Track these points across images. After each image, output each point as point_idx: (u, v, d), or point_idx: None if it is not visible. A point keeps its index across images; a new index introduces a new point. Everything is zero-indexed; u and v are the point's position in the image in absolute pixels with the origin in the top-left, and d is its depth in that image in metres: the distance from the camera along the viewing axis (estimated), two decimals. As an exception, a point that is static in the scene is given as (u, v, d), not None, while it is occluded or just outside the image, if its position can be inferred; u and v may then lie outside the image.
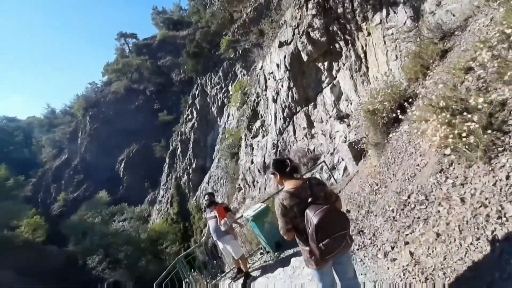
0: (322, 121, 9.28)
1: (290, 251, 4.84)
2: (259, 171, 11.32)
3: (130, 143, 37.57)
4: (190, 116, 33.00)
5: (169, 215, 29.32)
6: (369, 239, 3.43)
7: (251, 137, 12.41)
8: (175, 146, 33.22)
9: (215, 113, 29.84)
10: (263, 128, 11.87)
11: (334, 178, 7.09)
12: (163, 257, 24.87)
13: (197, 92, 33.19)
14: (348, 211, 4.37)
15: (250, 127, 12.56)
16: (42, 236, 23.74)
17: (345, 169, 7.64)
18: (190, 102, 33.70)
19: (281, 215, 2.12)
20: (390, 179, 3.97)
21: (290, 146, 10.06)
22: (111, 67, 46.24)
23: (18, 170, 41.76)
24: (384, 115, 4.83)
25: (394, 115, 4.80)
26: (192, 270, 5.56)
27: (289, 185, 2.19)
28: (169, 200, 30.88)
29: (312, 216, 1.95)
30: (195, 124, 31.64)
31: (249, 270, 5.01)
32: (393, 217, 3.32)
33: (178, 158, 32.10)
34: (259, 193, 10.68)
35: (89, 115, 41.48)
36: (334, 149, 8.33)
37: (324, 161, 7.20)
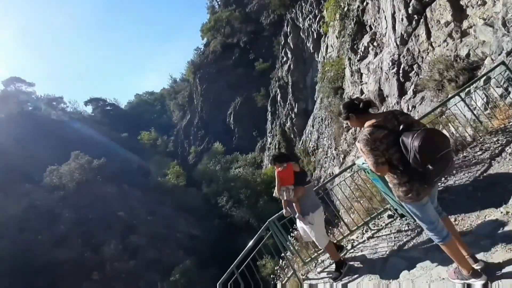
0: (484, 1, 5.53)
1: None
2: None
3: (234, 97, 39.79)
4: (284, 58, 30.89)
5: (278, 160, 30.38)
6: None
7: (358, 60, 9.47)
8: (275, 93, 32.66)
9: (311, 49, 26.42)
10: (375, 44, 8.69)
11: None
12: (277, 198, 26.62)
13: (288, 30, 30.10)
14: None
15: (356, 46, 9.53)
16: (183, 181, 29.78)
17: (547, 72, 4.27)
18: (282, 43, 31.28)
19: (370, 149, 1.97)
20: None
21: (422, 58, 6.83)
22: (205, 27, 48.11)
23: (162, 132, 53.09)
24: None
25: None
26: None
27: (370, 121, 2.06)
28: (276, 147, 31.72)
29: (411, 141, 1.83)
30: (291, 66, 29.42)
31: (373, 235, 3.41)
32: None
33: (279, 104, 31.62)
34: (375, 130, 8.24)
35: (197, 77, 45.95)
36: (517, 42, 4.80)
37: (503, 63, 4.10)
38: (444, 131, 5.10)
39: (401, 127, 1.94)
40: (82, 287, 20.78)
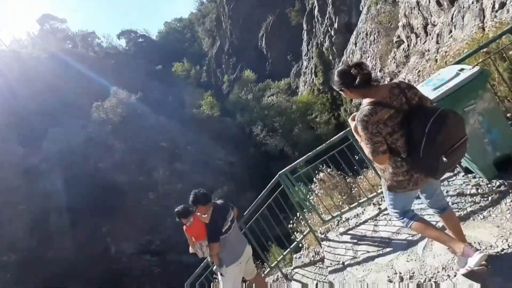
0: None
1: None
2: (438, 3, 6.32)
3: (265, 16, 35.34)
4: (324, -44, 24.99)
5: (314, 85, 28.23)
6: None
7: None
8: (311, 6, 28.02)
9: None
10: None
11: None
12: (314, 126, 25.75)
13: None
14: None
15: None
16: (217, 111, 29.92)
17: None
18: None
19: (370, 134, 1.57)
20: None
21: None
22: None
23: (194, 61, 51.67)
24: None
25: None
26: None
27: (371, 96, 1.62)
28: (313, 71, 29.07)
29: (426, 125, 1.48)
30: (332, -34, 23.91)
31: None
32: None
33: (316, 20, 27.38)
34: (438, 43, 6.18)
35: (224, -5, 40.90)
36: None
37: None
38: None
39: (410, 105, 1.59)
40: (142, 204, 24.60)
